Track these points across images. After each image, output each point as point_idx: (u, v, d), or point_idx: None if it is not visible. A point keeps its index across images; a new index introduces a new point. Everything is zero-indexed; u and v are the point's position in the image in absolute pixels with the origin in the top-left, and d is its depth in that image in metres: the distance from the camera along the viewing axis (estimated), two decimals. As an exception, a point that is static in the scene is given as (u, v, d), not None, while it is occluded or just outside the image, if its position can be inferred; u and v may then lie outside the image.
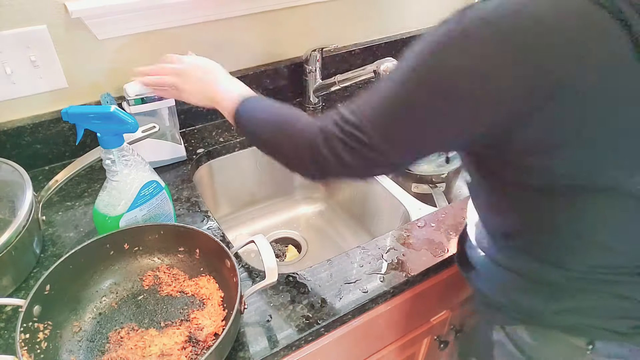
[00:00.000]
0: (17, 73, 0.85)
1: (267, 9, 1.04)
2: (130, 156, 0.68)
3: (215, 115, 1.08)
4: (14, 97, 0.87)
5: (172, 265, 0.70)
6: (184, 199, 0.87)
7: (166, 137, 0.93)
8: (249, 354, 0.62)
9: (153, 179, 0.71)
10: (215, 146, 1.02)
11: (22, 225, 0.68)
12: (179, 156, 0.96)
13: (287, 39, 1.11)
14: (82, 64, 0.91)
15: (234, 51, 1.06)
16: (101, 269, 0.67)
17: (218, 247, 0.65)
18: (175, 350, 0.59)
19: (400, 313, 0.81)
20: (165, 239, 0.70)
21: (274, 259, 0.62)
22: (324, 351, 0.72)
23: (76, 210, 0.84)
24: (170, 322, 0.63)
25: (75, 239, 0.78)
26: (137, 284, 0.68)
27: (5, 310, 0.67)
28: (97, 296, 0.66)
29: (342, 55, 1.19)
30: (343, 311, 0.68)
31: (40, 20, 0.83)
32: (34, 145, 0.91)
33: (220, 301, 0.65)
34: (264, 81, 1.11)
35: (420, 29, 1.31)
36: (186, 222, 0.80)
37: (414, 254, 0.77)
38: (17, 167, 0.76)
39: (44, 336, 0.57)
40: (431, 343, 0.98)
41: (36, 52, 0.85)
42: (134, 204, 0.69)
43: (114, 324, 0.63)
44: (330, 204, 1.20)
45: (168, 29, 0.96)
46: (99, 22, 0.87)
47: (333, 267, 0.74)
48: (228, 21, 1.01)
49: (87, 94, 0.94)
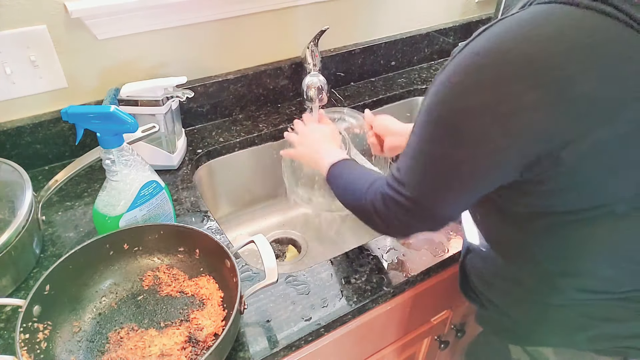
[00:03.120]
0: (17, 73, 0.85)
1: (267, 9, 1.04)
2: (130, 156, 0.68)
3: (215, 115, 1.09)
4: (14, 97, 0.87)
5: (172, 265, 0.70)
6: (183, 199, 0.87)
7: (160, 143, 0.92)
8: (249, 354, 0.62)
9: (153, 179, 0.71)
10: (215, 146, 1.02)
11: (22, 226, 0.68)
12: (169, 164, 0.94)
13: (287, 39, 1.11)
14: (82, 64, 0.91)
15: (234, 51, 1.06)
16: (101, 269, 0.67)
17: (218, 247, 0.65)
18: (175, 350, 0.59)
19: (401, 313, 0.81)
20: (165, 239, 0.70)
21: (274, 259, 0.62)
22: (324, 351, 0.72)
23: (76, 210, 0.84)
24: (170, 322, 0.63)
25: (75, 239, 0.78)
26: (136, 284, 0.68)
27: (5, 310, 0.67)
28: (97, 296, 0.66)
29: (342, 55, 1.19)
30: (343, 311, 0.68)
31: (40, 20, 0.83)
32: (33, 145, 0.91)
33: (220, 301, 0.65)
34: (264, 81, 1.11)
35: (420, 29, 1.31)
36: (186, 222, 0.80)
37: (414, 254, 0.77)
38: (17, 167, 0.76)
39: (44, 336, 0.57)
40: (431, 343, 0.98)
41: (36, 52, 0.85)
42: (133, 204, 0.69)
43: (113, 324, 0.63)
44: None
45: (168, 29, 0.96)
46: (99, 22, 0.87)
47: (333, 267, 0.74)
48: (228, 21, 1.01)
49: (87, 94, 0.94)
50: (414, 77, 1.30)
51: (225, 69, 1.07)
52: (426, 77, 1.29)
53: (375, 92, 1.22)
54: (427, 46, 1.33)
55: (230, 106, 1.09)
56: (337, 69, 1.20)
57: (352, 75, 1.25)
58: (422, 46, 1.32)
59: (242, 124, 1.09)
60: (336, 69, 1.20)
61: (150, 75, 0.97)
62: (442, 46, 1.35)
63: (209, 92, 1.05)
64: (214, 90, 1.05)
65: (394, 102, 1.23)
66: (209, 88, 1.04)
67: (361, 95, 1.20)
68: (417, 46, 1.31)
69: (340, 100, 1.18)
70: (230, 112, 1.10)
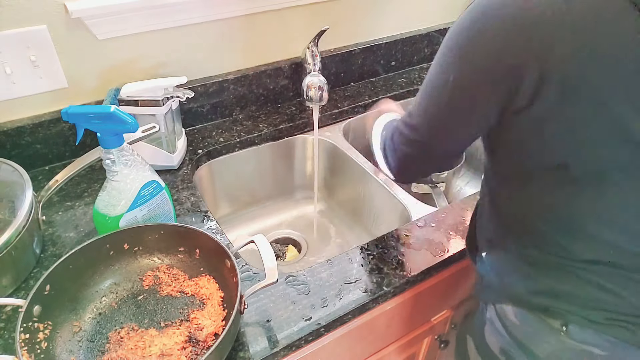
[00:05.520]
0: (17, 73, 0.85)
1: (267, 9, 1.04)
2: (130, 156, 0.68)
3: (215, 115, 1.09)
4: (14, 97, 0.87)
5: (172, 265, 0.70)
6: (184, 199, 0.87)
7: (161, 143, 0.92)
8: (249, 354, 0.62)
9: (153, 179, 0.71)
10: (215, 146, 1.02)
11: (22, 225, 0.68)
12: (169, 164, 0.94)
13: (287, 39, 1.11)
14: (82, 64, 0.91)
15: (234, 51, 1.06)
16: (101, 269, 0.67)
17: (218, 247, 0.65)
18: (175, 350, 0.59)
19: (401, 313, 0.81)
20: (165, 239, 0.70)
21: (274, 259, 0.62)
22: (324, 351, 0.72)
23: (76, 210, 0.84)
24: (170, 322, 0.63)
25: (75, 239, 0.78)
26: (137, 284, 0.68)
27: (5, 310, 0.67)
28: (97, 296, 0.66)
29: (342, 55, 1.19)
30: (343, 311, 0.68)
31: (40, 20, 0.83)
32: (34, 145, 0.91)
33: (220, 301, 0.65)
34: (264, 81, 1.11)
35: (420, 29, 1.31)
36: (186, 222, 0.80)
37: (414, 254, 0.77)
38: (17, 167, 0.76)
39: (44, 336, 0.57)
40: (432, 343, 0.98)
41: (36, 52, 0.85)
42: (134, 204, 0.69)
43: (114, 324, 0.63)
44: (330, 203, 1.20)
45: (168, 29, 0.96)
46: (99, 22, 0.87)
47: (333, 267, 0.74)
48: (228, 21, 1.01)
49: (87, 94, 0.94)
50: (414, 77, 1.30)
51: (225, 69, 1.07)
52: (426, 77, 1.29)
53: (375, 92, 1.22)
54: (427, 46, 1.33)
55: (230, 106, 1.10)
56: (337, 69, 1.20)
57: (352, 75, 1.25)
58: (422, 46, 1.32)
59: (242, 124, 1.09)
60: (336, 69, 1.20)
61: (151, 75, 0.97)
62: (442, 46, 1.35)
63: (209, 92, 1.05)
64: (214, 90, 1.05)
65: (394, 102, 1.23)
66: (209, 88, 1.04)
67: (361, 95, 1.20)
68: (417, 46, 1.31)
69: (341, 100, 1.18)
70: (230, 112, 1.10)
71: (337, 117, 1.15)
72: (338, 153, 1.09)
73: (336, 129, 1.13)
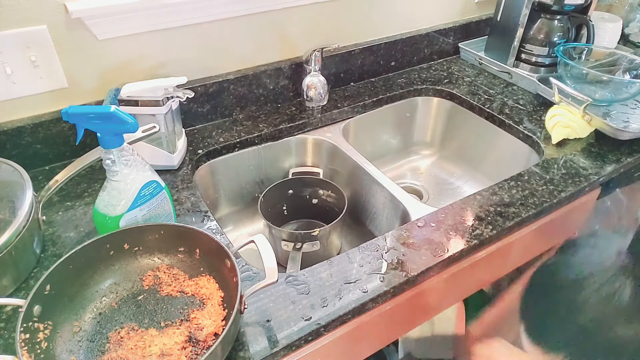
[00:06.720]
0: (17, 73, 0.85)
1: (267, 9, 1.04)
2: (130, 156, 0.68)
3: (215, 115, 1.09)
4: (14, 97, 0.87)
5: (172, 265, 0.70)
6: (184, 198, 0.87)
7: (161, 143, 0.92)
8: (249, 354, 0.62)
9: (153, 179, 0.71)
10: (216, 146, 1.02)
11: (22, 225, 0.68)
12: (169, 164, 0.94)
13: (288, 39, 1.11)
14: (82, 64, 0.91)
15: (234, 51, 1.06)
16: (101, 269, 0.67)
17: (218, 247, 0.65)
18: (175, 350, 0.59)
19: (400, 313, 0.82)
20: (165, 239, 0.70)
21: (274, 259, 0.62)
22: (324, 351, 0.72)
23: (76, 210, 0.84)
24: (170, 322, 0.64)
25: (75, 239, 0.78)
26: (137, 284, 0.68)
27: (5, 310, 0.67)
28: (97, 296, 0.66)
29: (342, 55, 1.19)
30: (343, 311, 0.68)
31: (40, 20, 0.83)
32: (34, 145, 0.91)
33: (220, 301, 0.65)
34: (264, 81, 1.11)
35: (420, 29, 1.31)
36: (186, 222, 0.80)
37: (414, 254, 0.77)
38: (17, 167, 0.76)
39: (44, 336, 0.57)
40: (431, 343, 0.98)
41: (36, 52, 0.85)
42: (134, 204, 0.69)
43: (114, 324, 0.63)
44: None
45: (168, 29, 0.96)
46: (99, 22, 0.87)
47: (333, 267, 0.74)
48: (228, 21, 1.01)
49: (87, 94, 0.94)
50: (414, 77, 1.30)
51: (225, 69, 1.07)
52: (426, 77, 1.30)
53: (375, 92, 1.22)
54: (427, 46, 1.33)
55: (230, 106, 1.10)
56: (337, 69, 1.20)
57: (352, 75, 1.25)
58: (422, 46, 1.33)
59: (243, 124, 1.09)
60: (336, 69, 1.20)
61: (151, 75, 0.97)
62: (442, 46, 1.36)
63: (209, 92, 1.05)
64: (214, 90, 1.05)
65: (394, 102, 1.23)
66: (209, 88, 1.04)
67: (361, 95, 1.20)
68: (417, 46, 1.31)
69: (341, 100, 1.18)
70: (230, 112, 1.10)
71: (337, 117, 1.15)
72: (338, 153, 1.09)
73: (336, 129, 1.13)
